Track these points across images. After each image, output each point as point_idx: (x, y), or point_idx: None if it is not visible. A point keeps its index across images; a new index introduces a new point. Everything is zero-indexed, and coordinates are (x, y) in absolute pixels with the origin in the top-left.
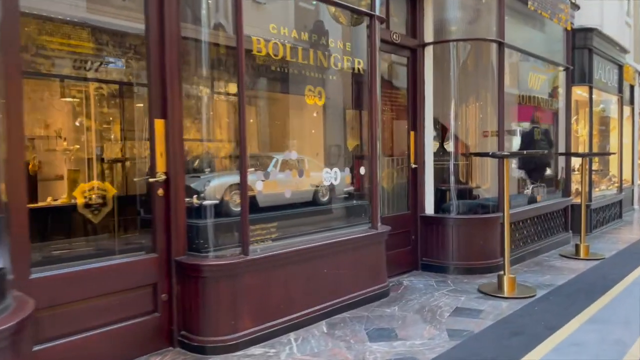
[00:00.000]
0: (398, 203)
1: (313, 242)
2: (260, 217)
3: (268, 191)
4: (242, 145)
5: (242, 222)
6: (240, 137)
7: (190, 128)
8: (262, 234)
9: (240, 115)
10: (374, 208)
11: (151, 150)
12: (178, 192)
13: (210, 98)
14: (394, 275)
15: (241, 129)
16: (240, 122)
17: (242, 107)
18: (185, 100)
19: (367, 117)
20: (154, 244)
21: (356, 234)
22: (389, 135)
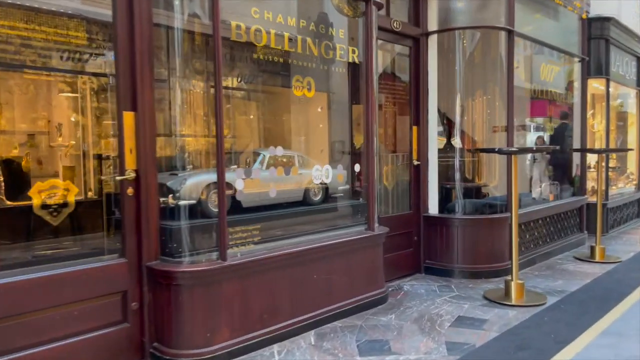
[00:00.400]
0: (400, 202)
1: (301, 245)
2: (242, 218)
3: (252, 190)
4: (218, 140)
5: (220, 225)
6: (216, 131)
7: (165, 122)
8: (243, 237)
9: (216, 107)
10: (370, 208)
11: (119, 146)
12: (149, 192)
13: (188, 90)
14: (394, 279)
15: (217, 123)
16: (217, 115)
17: (218, 98)
18: (158, 92)
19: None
20: (124, 247)
21: (350, 235)
22: (392, 131)
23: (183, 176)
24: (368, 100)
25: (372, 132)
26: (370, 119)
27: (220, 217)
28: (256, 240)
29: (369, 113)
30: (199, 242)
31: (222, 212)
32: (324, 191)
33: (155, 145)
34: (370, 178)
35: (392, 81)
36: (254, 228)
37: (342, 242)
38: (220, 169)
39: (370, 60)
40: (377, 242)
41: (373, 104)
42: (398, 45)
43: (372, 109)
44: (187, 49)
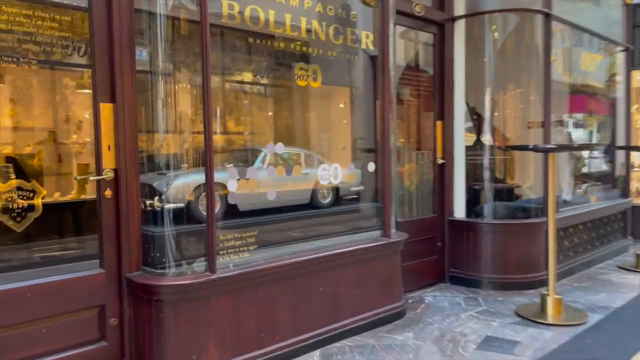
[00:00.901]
0: (423, 205)
1: (304, 254)
2: (236, 223)
3: (248, 192)
4: (206, 136)
5: (208, 231)
6: (205, 125)
7: (149, 116)
8: (237, 245)
9: (205, 98)
10: (386, 212)
11: (96, 142)
12: (130, 194)
13: (176, 79)
14: (415, 290)
15: (206, 116)
16: (205, 107)
17: (207, 87)
18: (141, 82)
19: (379, 103)
20: (101, 257)
21: (362, 243)
22: (415, 127)
23: (170, 176)
24: (384, 91)
25: (388, 126)
26: (386, 112)
27: (208, 223)
28: (252, 248)
29: (385, 105)
30: (186, 251)
31: (211, 217)
32: (334, 193)
33: (137, 141)
34: (385, 178)
35: (416, 74)
36: (249, 235)
37: (352, 250)
38: (208, 168)
39: (386, 46)
40: (394, 250)
41: (388, 95)
42: (423, 34)
43: (387, 101)
44: (174, 33)
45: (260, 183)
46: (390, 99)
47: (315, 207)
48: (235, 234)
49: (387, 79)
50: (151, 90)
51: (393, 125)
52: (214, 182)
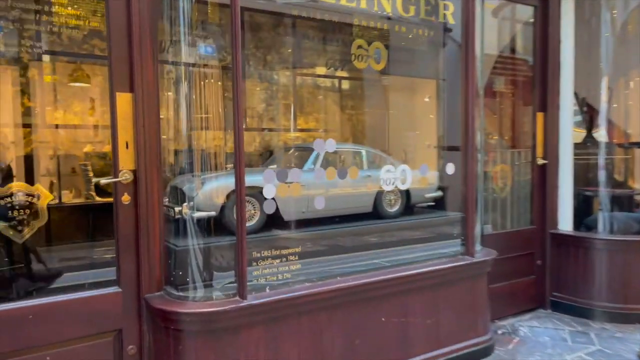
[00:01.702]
0: (518, 214)
1: (363, 275)
2: (277, 236)
3: (295, 197)
4: (236, 132)
5: (238, 247)
6: (235, 119)
7: (176, 109)
8: (276, 264)
9: (234, 88)
10: (468, 224)
11: (112, 139)
12: (151, 199)
13: (208, 67)
14: (507, 317)
15: (236, 109)
16: (235, 99)
17: (237, 79)
18: (166, 71)
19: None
20: (118, 273)
21: (438, 262)
22: (510, 122)
23: (201, 179)
24: (467, 77)
25: (472, 121)
26: (470, 104)
27: (238, 237)
28: (295, 268)
29: (469, 94)
30: (214, 269)
31: (241, 229)
32: (403, 199)
33: (160, 137)
34: (468, 183)
35: (511, 61)
36: (292, 251)
37: (424, 272)
38: (238, 171)
39: (470, 18)
40: (479, 271)
41: (473, 82)
42: (521, 11)
43: (471, 90)
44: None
45: (310, 187)
46: (475, 88)
47: (380, 217)
48: (273, 249)
49: (471, 62)
50: (183, 82)
51: (479, 121)
52: (244, 188)
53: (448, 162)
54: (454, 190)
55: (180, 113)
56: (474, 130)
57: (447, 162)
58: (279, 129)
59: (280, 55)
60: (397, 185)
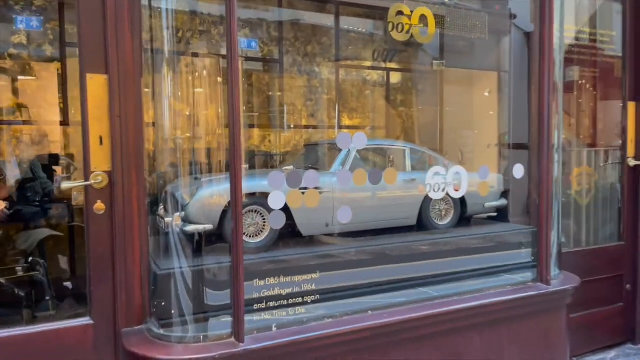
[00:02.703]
0: (601, 226)
1: (400, 310)
2: (290, 257)
3: (317, 208)
4: (232, 127)
5: (233, 275)
6: (229, 113)
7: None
8: (286, 295)
9: (230, 78)
10: (542, 243)
11: (83, 132)
12: (130, 207)
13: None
14: (585, 355)
15: (232, 103)
16: (230, 87)
17: (233, 67)
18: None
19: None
20: (90, 301)
21: (501, 293)
22: (588, 119)
23: (195, 184)
24: (543, 57)
25: (548, 113)
26: (545, 92)
27: (234, 262)
28: (311, 299)
29: (544, 80)
30: (211, 300)
31: (237, 250)
32: (457, 209)
33: (142, 130)
34: (543, 190)
35: (588, 50)
36: (307, 277)
37: (482, 305)
38: (234, 174)
39: None
40: (556, 304)
41: (550, 63)
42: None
43: (547, 75)
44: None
45: (334, 194)
46: (552, 76)
47: (426, 231)
48: (285, 274)
49: (546, 47)
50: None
51: (556, 117)
52: (241, 195)
53: (516, 164)
54: (521, 197)
55: (163, 105)
56: (550, 124)
57: (515, 164)
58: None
59: (322, 46)
60: (449, 192)
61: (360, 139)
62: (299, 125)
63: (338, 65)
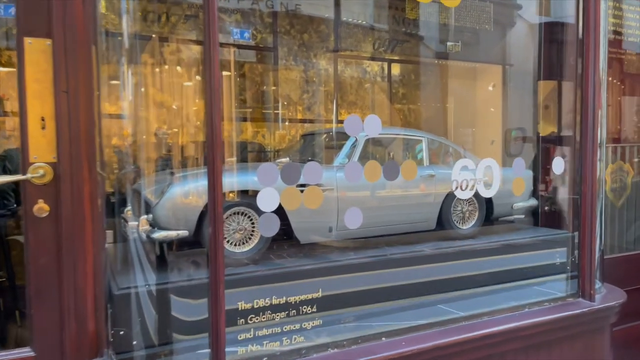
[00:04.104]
0: (633, 229)
1: (419, 338)
2: (285, 271)
3: (319, 210)
4: (209, 116)
5: (211, 296)
6: (207, 101)
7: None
8: (278, 320)
9: (207, 65)
10: (584, 252)
11: (20, 112)
12: (81, 209)
13: None
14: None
15: (209, 88)
16: (208, 77)
17: (211, 50)
18: None
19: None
20: (31, 328)
21: (538, 313)
22: (614, 113)
23: (165, 180)
24: (589, 41)
25: (593, 107)
26: (592, 83)
27: (211, 281)
28: (311, 325)
29: (589, 74)
30: (183, 327)
31: (215, 264)
32: (482, 210)
33: (97, 112)
34: (587, 191)
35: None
36: (307, 297)
37: (515, 329)
38: (213, 166)
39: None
40: (600, 323)
41: (597, 49)
42: None
43: (594, 66)
44: None
45: (340, 193)
46: (598, 65)
47: (446, 236)
48: (276, 296)
49: (592, 30)
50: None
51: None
52: (221, 193)
53: (556, 157)
54: (555, 199)
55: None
56: (595, 119)
57: (557, 156)
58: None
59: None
60: (479, 191)
61: (373, 125)
62: (294, 119)
63: (337, 55)
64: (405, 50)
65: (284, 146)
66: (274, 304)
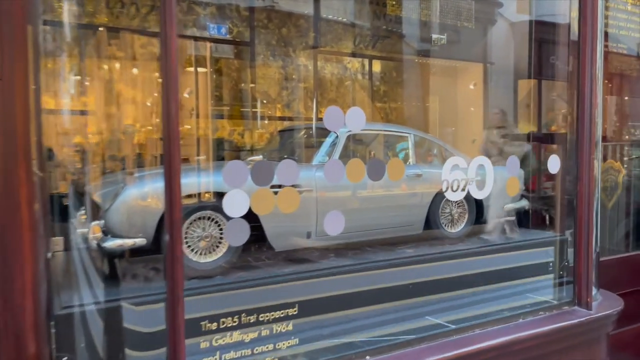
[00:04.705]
0: (620, 231)
1: (406, 356)
2: (256, 284)
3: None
4: (166, 108)
5: (168, 316)
6: (164, 94)
7: None
8: (251, 339)
9: (165, 51)
10: (580, 257)
11: None
12: (16, 216)
13: None
14: None
15: (166, 78)
16: (166, 65)
17: (167, 31)
18: None
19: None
20: None
21: (533, 324)
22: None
23: (119, 182)
24: (585, 35)
25: (590, 103)
26: (589, 77)
27: (169, 298)
28: (287, 346)
29: (584, 74)
30: (138, 351)
31: (174, 278)
32: (472, 212)
33: (34, 98)
34: (583, 191)
35: None
36: (281, 314)
37: (510, 342)
38: (170, 163)
39: None
40: (598, 333)
41: (593, 43)
42: None
43: (591, 62)
44: None
45: (318, 194)
46: (595, 64)
47: (433, 240)
48: (246, 314)
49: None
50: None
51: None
52: (179, 195)
53: (551, 155)
54: (548, 199)
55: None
56: (592, 115)
57: (552, 154)
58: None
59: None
60: (471, 192)
61: (355, 119)
62: (273, 117)
63: (316, 51)
64: (386, 47)
65: (261, 144)
66: (243, 322)
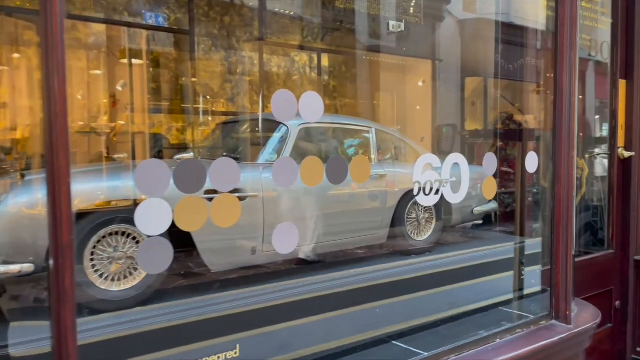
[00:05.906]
0: (583, 233)
1: None
2: (185, 317)
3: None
4: (48, 96)
5: None
6: (45, 86)
7: None
8: None
9: (47, 39)
10: (558, 266)
11: None
12: None
13: None
14: None
15: (48, 71)
16: (47, 57)
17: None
18: None
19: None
20: None
21: (512, 345)
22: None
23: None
24: (563, 35)
25: (570, 95)
26: (568, 67)
27: (55, 345)
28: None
29: (563, 65)
30: None
31: (59, 318)
32: (439, 218)
33: None
34: (562, 194)
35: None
36: (220, 355)
37: None
38: (53, 163)
39: None
40: (577, 350)
41: (573, 36)
42: None
43: (571, 56)
44: None
45: (267, 202)
46: (575, 57)
47: (400, 252)
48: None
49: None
50: None
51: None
52: (68, 206)
53: (529, 153)
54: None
55: None
56: (572, 105)
57: (530, 152)
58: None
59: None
60: (447, 196)
61: (312, 106)
62: (216, 112)
63: (262, 44)
64: (335, 41)
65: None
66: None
